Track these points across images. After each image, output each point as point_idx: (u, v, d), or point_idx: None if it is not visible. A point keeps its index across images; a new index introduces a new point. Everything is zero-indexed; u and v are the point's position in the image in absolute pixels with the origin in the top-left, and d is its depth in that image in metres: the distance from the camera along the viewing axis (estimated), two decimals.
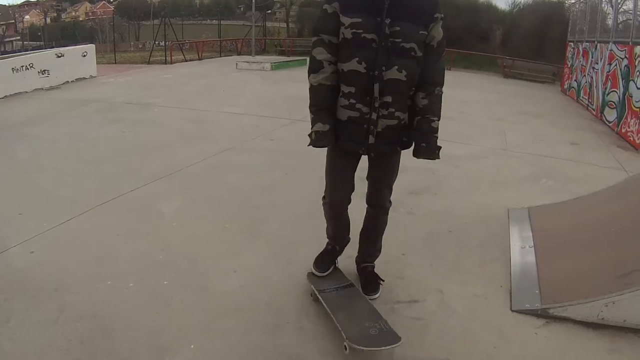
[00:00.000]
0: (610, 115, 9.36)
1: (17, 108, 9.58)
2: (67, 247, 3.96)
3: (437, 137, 3.01)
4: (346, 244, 3.55)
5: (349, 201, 3.26)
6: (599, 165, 6.30)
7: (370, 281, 3.45)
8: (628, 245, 3.51)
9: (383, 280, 3.46)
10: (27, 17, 43.58)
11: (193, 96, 10.44)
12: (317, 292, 3.19)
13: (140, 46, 31.85)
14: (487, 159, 6.38)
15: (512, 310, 3.28)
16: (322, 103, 2.94)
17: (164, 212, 4.65)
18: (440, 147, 3.03)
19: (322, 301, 3.10)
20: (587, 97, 11.75)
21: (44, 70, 12.24)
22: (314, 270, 3.41)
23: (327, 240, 3.52)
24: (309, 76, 2.95)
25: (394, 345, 2.68)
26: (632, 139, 7.88)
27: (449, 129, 7.60)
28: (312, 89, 2.95)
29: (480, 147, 6.83)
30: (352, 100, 2.90)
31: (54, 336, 2.91)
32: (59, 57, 12.83)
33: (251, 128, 8.08)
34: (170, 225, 4.41)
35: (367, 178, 3.26)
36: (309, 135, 2.97)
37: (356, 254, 3.57)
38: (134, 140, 7.14)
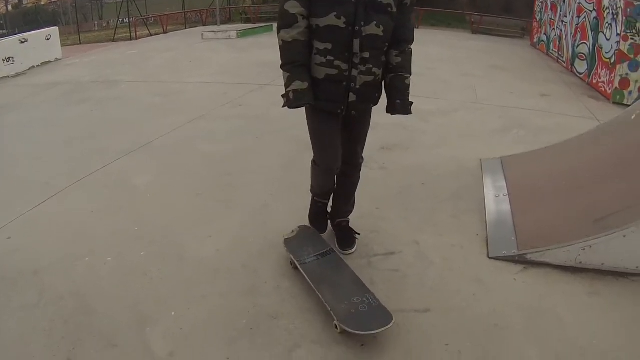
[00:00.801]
0: (581, 67, 9.32)
1: None
2: (43, 230, 3.89)
3: (409, 93, 2.99)
4: (329, 198, 3.48)
5: (340, 163, 3.11)
6: (570, 115, 6.27)
7: (346, 236, 3.43)
8: (602, 191, 3.52)
9: (359, 234, 3.44)
10: None
11: (160, 70, 10.18)
12: (297, 264, 3.07)
13: (104, 25, 30.85)
14: (457, 113, 6.33)
15: (489, 258, 3.28)
16: (299, 59, 2.75)
17: (137, 186, 4.57)
18: (412, 103, 3.00)
19: (304, 274, 2.97)
20: (557, 50, 11.67)
21: (8, 58, 11.81)
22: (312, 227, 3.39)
23: (312, 197, 3.46)
24: (279, 32, 2.77)
25: (387, 327, 2.57)
26: (603, 89, 7.87)
27: (419, 85, 7.46)
28: (286, 46, 2.75)
29: (450, 102, 6.77)
30: (330, 57, 2.74)
31: (37, 319, 2.87)
32: (22, 42, 12.38)
33: (219, 96, 7.90)
34: (144, 197, 4.34)
35: (343, 135, 3.13)
36: (284, 95, 2.78)
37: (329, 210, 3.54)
38: (103, 118, 6.96)
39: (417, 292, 2.99)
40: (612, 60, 7.88)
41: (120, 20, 22.42)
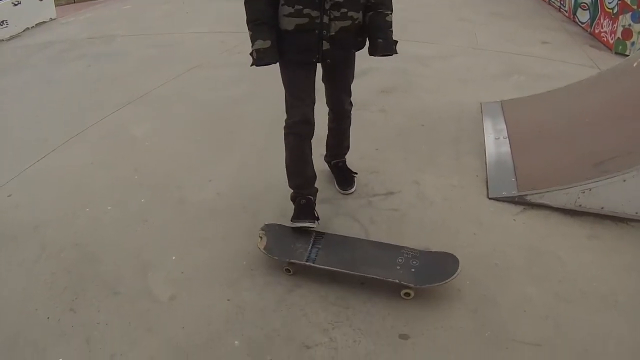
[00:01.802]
0: (583, 16, 8.94)
1: None
2: (43, 185, 3.83)
3: (392, 31, 2.77)
4: (316, 192, 3.03)
5: (313, 122, 2.82)
6: (571, 63, 6.04)
7: (344, 176, 3.36)
8: (602, 136, 3.41)
9: (356, 173, 3.35)
10: None
11: (156, 22, 9.87)
12: (301, 263, 2.63)
13: None
14: (457, 58, 6.12)
15: (489, 199, 3.21)
16: (260, 16, 2.57)
17: (135, 136, 4.47)
18: (396, 42, 2.78)
19: (324, 268, 2.59)
20: None
21: (2, 21, 11.44)
22: (299, 223, 2.82)
23: (293, 193, 2.99)
24: None
25: (459, 267, 2.46)
26: (605, 39, 7.56)
27: (416, 30, 7.31)
28: (248, 4, 2.59)
29: (449, 47, 6.55)
30: (298, 6, 2.54)
31: (39, 272, 2.85)
32: (15, 5, 11.97)
33: (217, 45, 7.66)
34: (143, 146, 4.25)
35: (323, 81, 3.00)
36: (251, 54, 2.63)
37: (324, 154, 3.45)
38: (100, 72, 6.78)
39: (418, 230, 2.93)
40: (615, 11, 7.55)
41: None
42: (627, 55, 6.44)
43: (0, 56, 9.26)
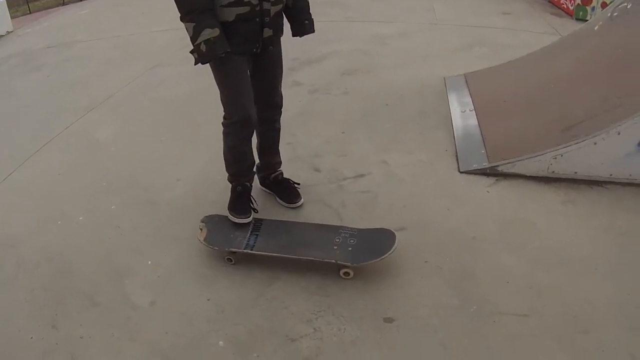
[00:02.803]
0: None
1: None
2: (13, 201, 3.66)
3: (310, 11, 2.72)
4: (253, 175, 2.92)
5: (254, 110, 2.63)
6: (533, 32, 5.95)
7: (288, 188, 3.04)
8: (568, 101, 3.35)
9: (298, 184, 3.07)
10: None
11: (113, 25, 9.50)
12: (241, 251, 2.58)
13: None
14: (417, 35, 6.00)
15: (460, 172, 3.13)
16: (199, 4, 2.28)
17: (101, 141, 4.29)
18: (313, 20, 2.72)
19: (264, 253, 2.56)
20: None
21: None
22: (234, 218, 2.73)
23: (231, 183, 2.85)
24: None
25: (396, 241, 2.41)
26: (565, 6, 7.49)
27: (373, 10, 7.18)
28: None
29: (409, 25, 6.42)
30: None
31: (17, 290, 2.73)
32: None
33: (176, 42, 7.32)
34: (109, 151, 4.08)
35: (256, 77, 2.67)
36: (193, 51, 2.35)
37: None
38: (60, 80, 6.51)
39: (390, 211, 2.85)
40: None
41: None
42: (588, 21, 6.42)
43: None
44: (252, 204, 2.80)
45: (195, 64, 2.39)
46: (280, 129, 2.94)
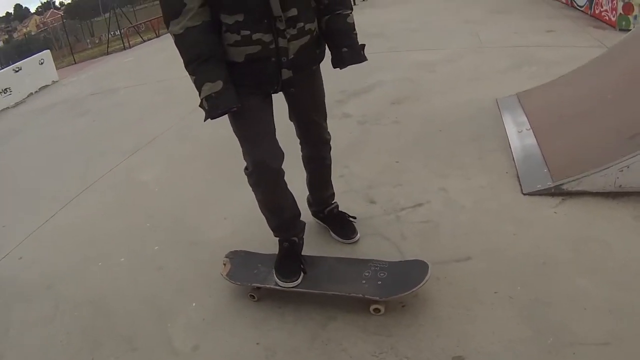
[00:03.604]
0: (581, 0, 8.96)
1: None
2: (54, 243, 3.79)
3: (356, 34, 2.33)
4: (303, 228, 2.67)
5: (282, 155, 2.39)
6: (578, 47, 5.97)
7: (344, 223, 2.91)
8: (629, 108, 3.22)
9: (354, 218, 2.95)
10: None
11: (156, 71, 10.00)
12: (269, 286, 2.51)
13: (97, 41, 30.95)
14: (464, 59, 6.06)
15: (524, 194, 3.03)
16: (201, 51, 2.05)
17: (144, 181, 4.42)
18: (364, 45, 2.34)
19: (292, 289, 2.47)
20: None
21: (5, 89, 11.71)
22: (279, 282, 2.50)
23: (277, 239, 2.64)
24: (168, 26, 2.10)
25: (428, 274, 2.32)
26: (607, 17, 7.50)
27: (415, 39, 7.32)
28: (180, 40, 2.07)
29: (454, 50, 6.50)
30: (245, 32, 2.09)
31: (54, 332, 2.77)
32: (16, 71, 12.26)
33: None
34: (152, 192, 4.19)
35: (293, 114, 2.53)
36: (201, 105, 2.11)
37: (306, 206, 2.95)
38: (105, 125, 6.84)
39: (454, 240, 2.75)
40: None
41: (112, 33, 22.35)
42: (631, 30, 6.35)
43: (6, 122, 9.48)
44: (302, 264, 2.55)
45: (204, 120, 2.14)
46: (331, 164, 2.80)
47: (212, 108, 2.07)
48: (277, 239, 2.62)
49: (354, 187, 3.45)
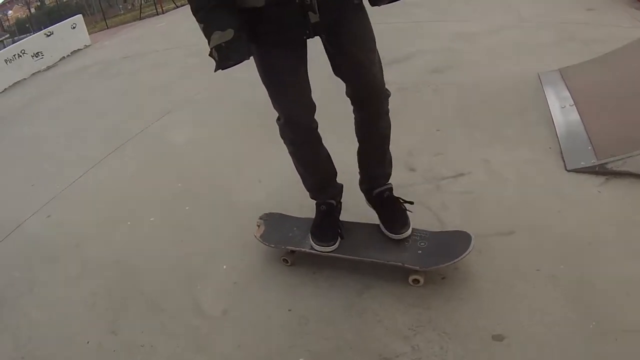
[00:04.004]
0: None
1: (17, 94, 9.45)
2: (83, 202, 3.82)
3: None
4: (341, 191, 2.56)
5: (313, 107, 2.27)
6: (620, 26, 5.82)
7: (393, 211, 2.44)
8: None
9: (411, 203, 2.48)
10: (10, 12, 42.89)
11: (190, 35, 9.78)
12: (304, 250, 2.44)
13: (129, 7, 31.04)
14: (504, 32, 5.99)
15: (568, 171, 2.93)
16: None
17: (176, 143, 4.41)
18: None
19: (328, 254, 2.40)
20: None
21: (37, 53, 11.91)
22: (315, 245, 2.42)
23: (314, 203, 2.54)
24: None
25: (471, 245, 2.21)
26: None
27: (456, 9, 7.25)
28: None
29: (494, 23, 6.42)
30: None
31: (80, 292, 2.78)
32: (48, 35, 12.44)
33: None
34: (185, 152, 4.18)
35: (336, 70, 2.20)
36: (210, 55, 1.96)
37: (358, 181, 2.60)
38: (137, 87, 6.89)
39: (497, 213, 2.65)
40: None
41: None
42: None
43: (37, 85, 9.64)
44: (340, 228, 2.44)
45: (214, 71, 2.01)
46: (387, 131, 2.40)
47: (222, 59, 1.92)
48: (315, 202, 2.52)
49: (393, 154, 3.35)
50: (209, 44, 1.93)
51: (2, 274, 3.15)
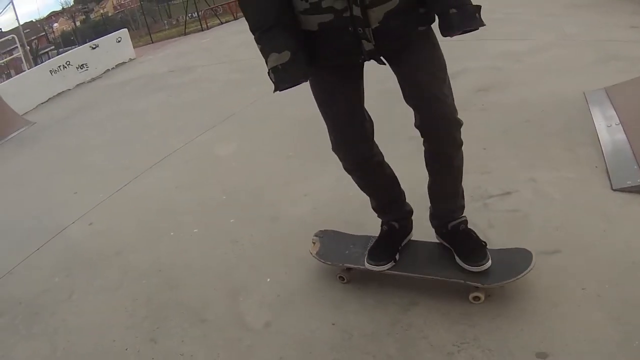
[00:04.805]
0: None
1: (62, 104, 9.83)
2: (125, 211, 3.96)
3: None
4: (408, 213, 2.55)
5: (370, 139, 2.29)
6: None
7: (472, 243, 2.38)
8: None
9: (485, 243, 2.40)
10: (55, 25, 44.93)
11: (235, 51, 10.29)
12: (362, 267, 2.46)
13: (174, 23, 32.19)
14: (549, 51, 6.08)
15: (614, 190, 2.98)
16: (267, 18, 1.93)
17: (222, 156, 4.56)
18: (479, 7, 1.95)
19: (387, 271, 2.42)
20: None
21: (82, 65, 12.41)
22: (366, 263, 2.43)
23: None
24: None
25: (532, 263, 2.25)
26: None
27: (500, 28, 7.34)
28: (243, 4, 1.98)
29: (538, 41, 6.53)
30: None
31: (119, 300, 2.88)
32: (93, 48, 12.97)
33: None
34: (230, 166, 4.31)
35: (404, 95, 2.16)
36: (269, 75, 1.99)
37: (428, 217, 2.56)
38: (181, 100, 7.12)
39: (542, 232, 2.71)
40: None
41: (189, 15, 23.16)
42: None
43: (81, 97, 10.04)
44: (397, 251, 2.46)
45: (273, 92, 2.04)
46: (461, 164, 2.36)
47: (279, 81, 1.96)
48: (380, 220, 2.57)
49: None
50: (266, 64, 1.97)
51: (41, 279, 3.28)
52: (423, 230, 2.65)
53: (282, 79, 1.94)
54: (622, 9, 7.86)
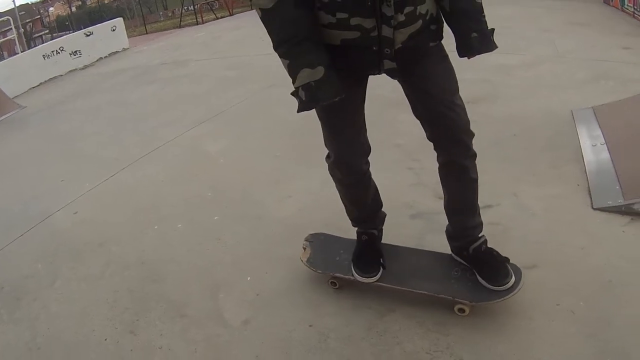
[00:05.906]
0: None
1: (53, 90, 9.74)
2: (111, 202, 3.95)
3: (485, 17, 2.06)
4: (383, 219, 2.57)
5: (367, 151, 2.29)
6: None
7: (495, 263, 2.33)
8: None
9: (507, 259, 2.37)
10: (51, 9, 44.47)
11: (229, 47, 10.26)
12: (351, 278, 2.47)
13: (169, 14, 32.03)
14: (542, 66, 6.15)
15: (594, 209, 3.04)
16: (295, 32, 1.81)
17: (210, 152, 4.56)
18: (493, 30, 2.08)
19: (376, 282, 2.43)
20: (632, 5, 11.20)
21: (75, 51, 12.30)
22: (357, 276, 2.43)
23: (355, 228, 2.56)
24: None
25: (521, 280, 2.28)
26: None
27: (497, 41, 7.31)
28: (268, 16, 1.84)
29: (532, 56, 6.62)
30: (342, 14, 1.84)
31: (101, 290, 2.88)
32: (87, 35, 12.86)
33: None
34: (217, 163, 4.31)
35: (413, 107, 2.21)
36: (295, 94, 1.88)
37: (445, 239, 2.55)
38: (173, 94, 7.09)
39: (522, 246, 2.75)
40: None
41: (185, 8, 23.00)
42: None
43: (73, 83, 9.95)
44: (382, 257, 2.45)
45: (298, 111, 1.93)
46: (477, 177, 2.35)
47: (310, 99, 1.84)
48: (355, 229, 2.56)
49: (423, 181, 3.48)
50: (293, 82, 1.85)
51: (25, 264, 3.27)
52: (405, 238, 2.72)
53: (315, 97, 1.84)
54: (617, 29, 7.96)
